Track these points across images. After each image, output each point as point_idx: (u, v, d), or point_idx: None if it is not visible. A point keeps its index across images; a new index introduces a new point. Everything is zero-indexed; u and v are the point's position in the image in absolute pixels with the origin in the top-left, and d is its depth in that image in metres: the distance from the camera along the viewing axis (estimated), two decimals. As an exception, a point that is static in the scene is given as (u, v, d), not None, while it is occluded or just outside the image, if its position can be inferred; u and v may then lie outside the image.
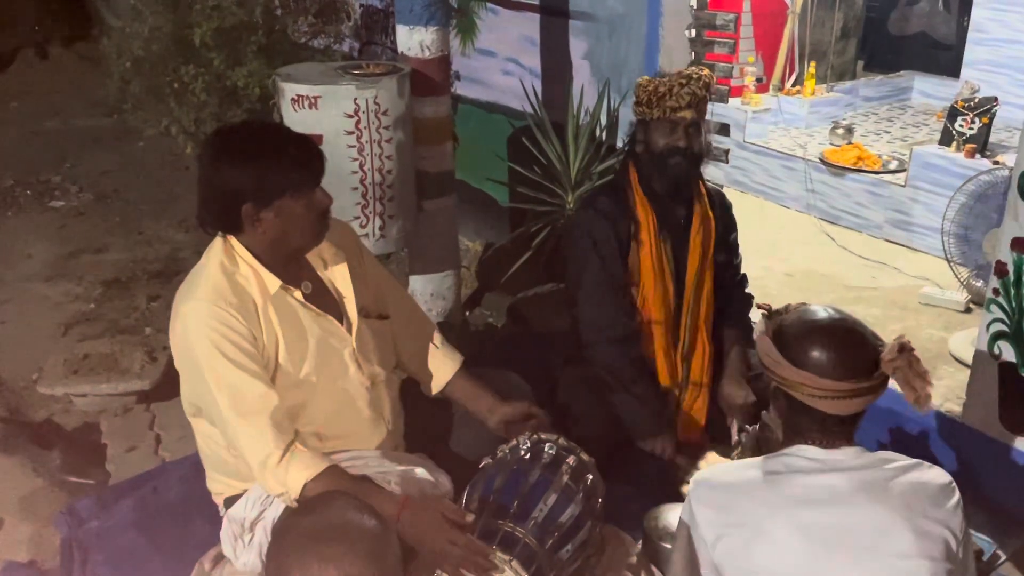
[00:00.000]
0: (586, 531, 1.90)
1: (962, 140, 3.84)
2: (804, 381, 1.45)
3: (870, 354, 1.46)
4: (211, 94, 3.41)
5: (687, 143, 2.38)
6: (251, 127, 2.01)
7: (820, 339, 1.46)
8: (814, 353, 1.45)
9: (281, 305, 1.92)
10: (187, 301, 1.87)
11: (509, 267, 3.62)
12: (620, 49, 3.42)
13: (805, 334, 1.48)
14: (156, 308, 3.83)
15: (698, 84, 2.36)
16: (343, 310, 2.04)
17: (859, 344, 1.47)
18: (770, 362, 1.50)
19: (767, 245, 4.07)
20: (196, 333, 1.82)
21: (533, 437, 2.03)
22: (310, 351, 1.94)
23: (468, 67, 4.11)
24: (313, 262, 2.03)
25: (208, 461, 2.08)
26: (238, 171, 1.82)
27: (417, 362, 2.24)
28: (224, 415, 1.82)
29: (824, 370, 1.44)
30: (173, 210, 5.05)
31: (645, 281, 2.48)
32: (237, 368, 1.81)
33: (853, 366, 1.44)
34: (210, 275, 1.88)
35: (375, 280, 2.18)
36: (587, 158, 3.47)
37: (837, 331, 1.48)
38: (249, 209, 1.83)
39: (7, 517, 2.49)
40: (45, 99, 7.30)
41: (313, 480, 1.78)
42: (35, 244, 4.57)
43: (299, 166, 1.85)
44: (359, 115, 2.84)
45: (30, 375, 3.29)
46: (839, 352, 1.44)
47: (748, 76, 4.82)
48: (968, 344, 2.78)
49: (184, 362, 1.89)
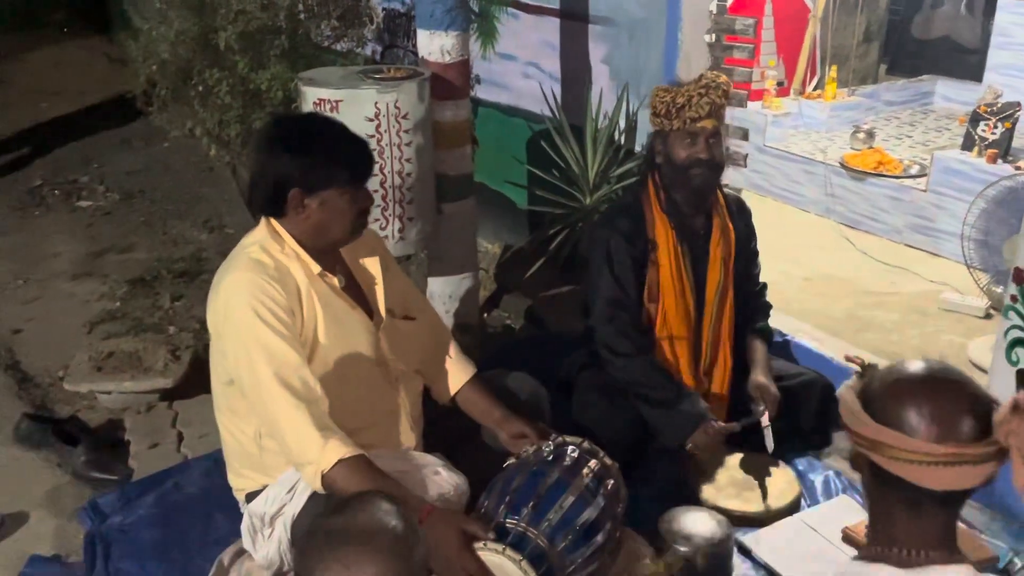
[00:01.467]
0: (604, 535, 1.91)
1: (984, 145, 3.82)
2: (889, 440, 1.16)
3: (976, 413, 1.16)
4: (235, 97, 3.45)
5: (708, 154, 2.35)
6: (312, 119, 2.12)
7: (912, 390, 1.19)
8: (903, 406, 1.17)
9: (321, 291, 1.98)
10: (230, 273, 1.93)
11: (527, 269, 3.64)
12: (639, 53, 3.43)
13: (894, 385, 1.21)
14: (180, 307, 3.88)
15: (717, 92, 2.32)
16: (373, 306, 2.09)
17: (961, 399, 1.17)
18: (851, 419, 1.23)
19: (786, 249, 4.06)
20: (238, 300, 1.87)
21: (558, 440, 2.04)
22: (342, 341, 1.99)
23: (488, 71, 4.13)
24: (347, 258, 2.08)
25: (232, 455, 2.11)
26: (292, 157, 1.90)
27: (431, 369, 2.26)
28: (262, 380, 1.83)
29: (914, 427, 1.15)
30: (197, 210, 5.12)
31: (665, 298, 2.46)
32: (276, 335, 1.85)
33: (952, 424, 1.15)
34: (253, 251, 1.95)
35: (400, 283, 2.23)
36: (605, 162, 3.49)
37: (934, 382, 1.19)
38: (296, 195, 1.91)
39: (32, 511, 2.54)
40: (74, 100, 7.40)
41: (347, 460, 1.78)
42: (62, 243, 4.64)
43: (349, 163, 1.94)
44: (379, 119, 2.87)
45: (56, 372, 3.35)
46: (934, 405, 1.16)
47: (769, 80, 4.81)
48: (987, 350, 2.77)
49: (226, 331, 1.91)
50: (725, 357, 2.54)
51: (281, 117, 2.02)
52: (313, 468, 1.80)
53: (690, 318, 2.49)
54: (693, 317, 2.49)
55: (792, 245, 4.12)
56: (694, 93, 2.32)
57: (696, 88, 2.33)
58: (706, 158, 2.35)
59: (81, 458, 2.69)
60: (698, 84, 2.34)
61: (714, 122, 2.34)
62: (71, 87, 7.76)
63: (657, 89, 2.42)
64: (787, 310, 3.47)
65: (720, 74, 2.42)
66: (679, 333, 2.48)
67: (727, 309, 2.52)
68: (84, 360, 3.15)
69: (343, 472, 1.78)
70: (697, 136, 2.34)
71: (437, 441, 2.22)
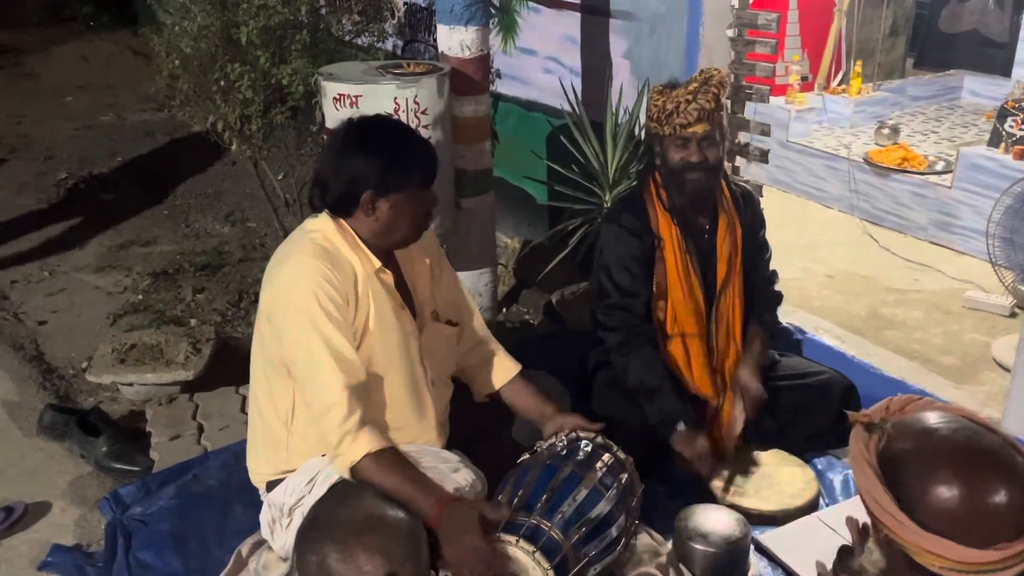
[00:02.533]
0: (617, 528, 1.92)
1: (1011, 141, 3.76)
2: (938, 551, 1.02)
3: (1020, 496, 1.02)
4: (256, 92, 3.46)
5: (701, 156, 2.34)
6: (388, 123, 2.14)
7: (955, 486, 1.02)
8: (948, 508, 1.02)
9: (375, 285, 2.00)
10: (291, 257, 1.96)
11: (546, 265, 3.63)
12: (660, 48, 3.41)
13: (931, 476, 1.04)
14: (202, 300, 3.91)
15: (707, 98, 2.30)
16: (418, 308, 2.12)
17: (1010, 487, 1.02)
18: (881, 513, 1.07)
19: (808, 246, 4.04)
20: (300, 285, 1.90)
21: (571, 435, 2.06)
22: (387, 337, 2.02)
23: (509, 65, 4.12)
24: (399, 257, 2.11)
25: (258, 438, 2.12)
26: (370, 160, 1.95)
27: (473, 365, 2.29)
28: (319, 367, 1.88)
29: (965, 535, 1.01)
30: (220, 204, 5.16)
31: (673, 296, 2.46)
32: (331, 322, 1.89)
33: (1006, 525, 1.01)
34: (314, 239, 1.98)
35: (449, 287, 2.25)
36: (625, 157, 3.47)
37: (979, 471, 1.03)
38: (368, 196, 1.95)
39: (55, 501, 2.58)
40: (99, 94, 7.48)
41: (376, 453, 1.84)
42: (87, 235, 4.69)
43: (422, 169, 2.00)
44: (399, 114, 2.87)
45: (80, 363, 3.39)
46: (985, 507, 1.01)
47: (793, 75, 4.77)
48: (1012, 350, 2.73)
49: (284, 311, 1.93)
50: (737, 350, 2.52)
51: (360, 118, 2.05)
52: (345, 458, 1.85)
53: (700, 315, 2.48)
54: (703, 313, 2.49)
55: (815, 242, 4.10)
56: (682, 100, 2.30)
57: (684, 94, 2.31)
58: (698, 161, 2.34)
59: (103, 449, 2.72)
60: (687, 90, 2.32)
61: (705, 126, 2.32)
62: (97, 81, 7.84)
63: (653, 91, 2.42)
64: (808, 307, 3.45)
65: (717, 71, 2.38)
66: (690, 330, 2.47)
67: (736, 304, 2.51)
68: (107, 352, 3.19)
69: (372, 464, 1.83)
70: (688, 141, 2.33)
71: (456, 439, 2.23)
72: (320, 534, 1.24)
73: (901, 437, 1.10)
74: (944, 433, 1.08)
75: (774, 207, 2.81)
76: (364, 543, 1.19)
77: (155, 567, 2.24)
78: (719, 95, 2.33)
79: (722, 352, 2.52)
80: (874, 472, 1.08)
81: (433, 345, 2.13)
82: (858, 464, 1.11)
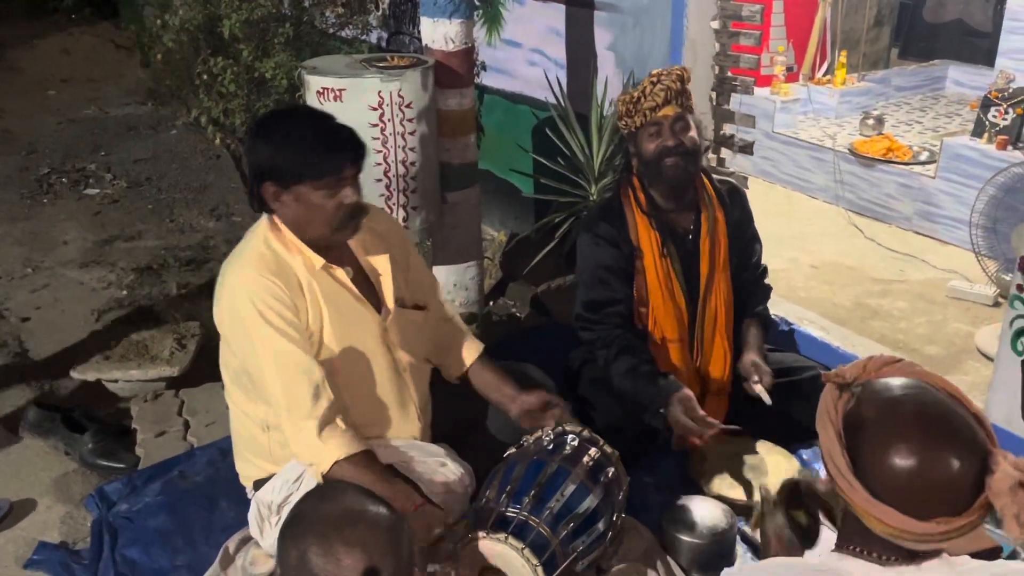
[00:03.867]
0: (604, 522, 1.92)
1: (995, 131, 3.78)
2: (881, 518, 1.08)
3: (975, 476, 1.07)
4: (240, 85, 3.45)
5: (676, 140, 2.31)
6: (294, 112, 2.08)
7: (909, 459, 1.07)
8: (898, 480, 1.07)
9: (324, 284, 1.97)
10: (232, 270, 1.93)
11: (533, 258, 3.63)
12: (645, 40, 3.40)
13: (888, 447, 1.08)
14: (187, 295, 3.90)
15: (671, 79, 2.30)
16: (381, 298, 2.09)
17: (962, 466, 1.06)
18: (836, 475, 1.13)
19: (794, 237, 4.05)
20: (242, 300, 1.88)
21: (557, 429, 2.06)
22: (348, 333, 1.99)
23: (494, 57, 4.11)
24: (355, 248, 2.08)
25: (241, 441, 2.13)
26: (264, 149, 1.88)
27: (441, 349, 2.28)
28: (269, 381, 1.87)
29: (910, 506, 1.06)
30: (204, 198, 5.13)
31: (654, 303, 2.43)
32: (281, 335, 1.86)
33: (950, 501, 1.06)
34: (255, 247, 1.94)
35: (417, 272, 2.23)
36: (611, 150, 3.47)
37: (935, 447, 1.07)
38: (269, 187, 1.89)
39: (40, 499, 2.56)
40: (82, 88, 7.42)
41: (345, 460, 1.83)
42: (70, 231, 4.66)
43: (321, 156, 1.86)
44: (383, 108, 2.86)
45: (64, 360, 3.37)
46: (934, 483, 1.06)
47: (778, 66, 4.78)
48: (995, 339, 2.75)
49: (233, 330, 1.93)
50: (725, 353, 2.50)
51: (272, 110, 2.00)
52: (314, 468, 1.87)
53: (682, 318, 2.45)
54: (686, 317, 2.46)
55: (800, 232, 4.11)
56: (647, 84, 2.31)
57: (648, 80, 2.32)
58: (674, 144, 2.31)
59: (88, 446, 2.70)
60: (649, 77, 2.33)
61: (675, 108, 2.31)
62: (79, 75, 7.77)
63: (620, 96, 2.41)
64: (794, 298, 3.47)
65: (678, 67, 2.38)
66: (672, 336, 2.45)
67: (722, 305, 2.48)
68: (92, 349, 3.17)
69: (341, 471, 1.83)
70: (661, 125, 2.31)
71: (443, 432, 2.23)
72: (301, 529, 1.24)
73: (868, 402, 1.13)
74: (908, 407, 1.11)
75: (759, 198, 2.81)
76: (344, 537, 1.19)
77: (142, 564, 2.23)
78: (683, 76, 2.32)
79: (707, 354, 2.50)
80: (836, 433, 1.13)
81: (399, 332, 2.10)
82: (823, 422, 1.16)
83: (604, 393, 2.45)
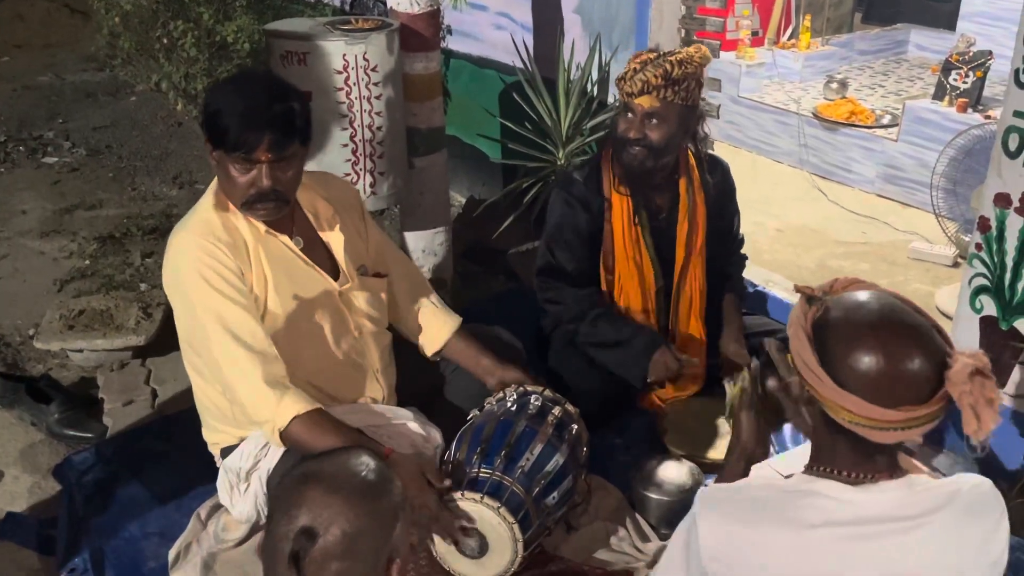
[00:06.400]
0: (571, 479, 1.96)
1: (955, 94, 3.82)
2: (849, 407, 1.14)
3: (933, 370, 1.14)
4: (201, 50, 3.39)
5: (640, 134, 2.24)
6: (249, 77, 2.06)
7: (873, 352, 1.14)
8: (864, 371, 1.14)
9: (272, 249, 1.96)
10: (178, 234, 1.92)
11: (501, 223, 3.63)
12: (611, 3, 3.39)
13: (854, 342, 1.15)
14: (151, 264, 3.85)
15: (654, 71, 2.17)
16: (337, 264, 2.08)
17: (923, 359, 1.13)
18: (805, 371, 1.19)
19: (759, 201, 4.07)
20: (185, 265, 1.87)
21: (520, 389, 2.08)
22: (298, 298, 1.98)
23: (460, 21, 4.07)
24: (309, 215, 2.06)
25: (204, 410, 2.12)
26: (207, 104, 1.88)
27: (415, 324, 2.27)
28: (213, 347, 1.86)
29: (876, 395, 1.13)
30: (167, 166, 5.04)
31: (620, 269, 2.41)
32: (226, 299, 1.85)
33: (913, 391, 1.13)
34: (203, 211, 1.93)
35: (375, 240, 2.22)
36: (578, 114, 3.47)
37: (897, 341, 1.14)
38: (206, 146, 1.89)
39: (7, 470, 2.54)
40: (37, 54, 7.22)
41: (303, 416, 1.81)
42: (29, 200, 4.57)
43: (235, 129, 1.81)
44: (348, 71, 2.83)
45: (27, 330, 3.32)
46: (894, 369, 1.13)
47: (743, 30, 4.78)
48: (954, 298, 2.81)
49: (175, 295, 1.93)
50: (700, 337, 2.51)
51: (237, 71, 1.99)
52: (270, 426, 1.84)
53: (647, 289, 2.44)
54: (653, 288, 2.45)
55: (765, 196, 4.14)
56: (631, 67, 2.23)
57: (636, 62, 2.24)
58: (634, 137, 2.24)
59: (55, 416, 2.68)
60: (636, 59, 2.24)
61: (652, 102, 2.20)
62: (34, 40, 7.57)
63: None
64: (759, 261, 3.50)
65: (682, 51, 2.27)
66: (636, 306, 2.43)
67: (696, 292, 2.47)
68: (55, 318, 3.13)
69: (300, 427, 1.81)
70: (634, 112, 2.25)
71: (411, 395, 2.24)
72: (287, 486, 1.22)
73: (836, 307, 1.21)
74: (873, 306, 1.20)
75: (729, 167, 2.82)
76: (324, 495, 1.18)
77: (113, 533, 2.22)
78: (671, 71, 2.18)
79: (682, 340, 2.49)
80: (806, 336, 1.20)
81: (356, 297, 2.10)
82: (794, 329, 1.23)
83: (576, 357, 2.48)
